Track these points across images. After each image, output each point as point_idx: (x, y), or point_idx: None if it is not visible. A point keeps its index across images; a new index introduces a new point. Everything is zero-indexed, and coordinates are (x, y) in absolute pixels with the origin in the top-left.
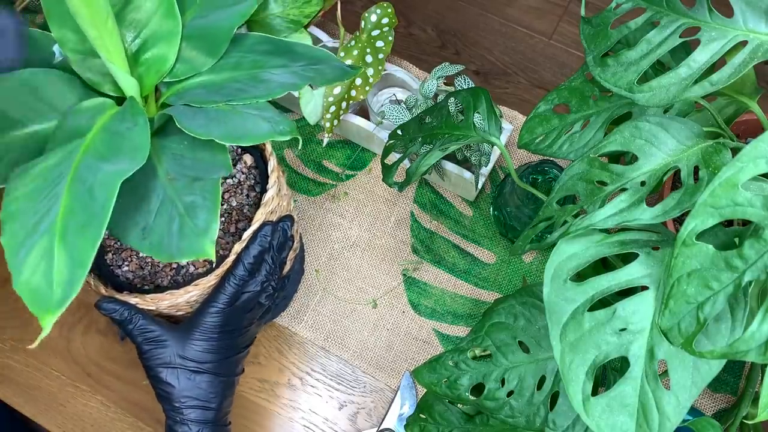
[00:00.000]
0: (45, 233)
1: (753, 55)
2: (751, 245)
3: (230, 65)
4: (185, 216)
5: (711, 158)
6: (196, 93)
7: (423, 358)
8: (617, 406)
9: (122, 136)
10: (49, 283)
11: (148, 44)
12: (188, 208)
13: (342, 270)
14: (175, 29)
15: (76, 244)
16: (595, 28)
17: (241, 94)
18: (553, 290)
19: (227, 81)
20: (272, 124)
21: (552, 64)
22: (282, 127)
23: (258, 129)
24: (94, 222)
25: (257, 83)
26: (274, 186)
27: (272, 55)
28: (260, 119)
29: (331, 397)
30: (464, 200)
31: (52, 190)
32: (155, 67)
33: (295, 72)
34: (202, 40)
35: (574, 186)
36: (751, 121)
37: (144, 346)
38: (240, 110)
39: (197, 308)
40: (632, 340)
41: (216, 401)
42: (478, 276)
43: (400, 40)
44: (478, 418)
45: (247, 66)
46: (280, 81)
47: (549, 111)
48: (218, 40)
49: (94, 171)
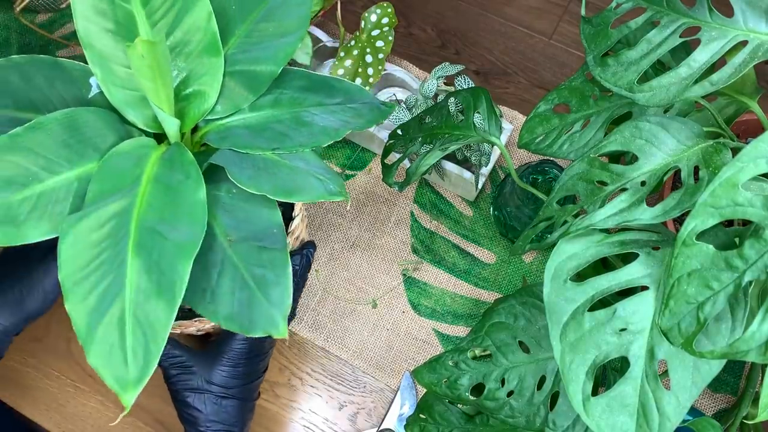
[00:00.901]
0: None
1: (753, 55)
2: (751, 245)
3: (269, 102)
4: (256, 290)
5: (711, 158)
6: (240, 135)
7: (423, 358)
8: (617, 406)
9: (176, 191)
10: (123, 359)
11: (190, 80)
12: (259, 282)
13: (342, 270)
14: (217, 64)
15: (150, 321)
16: (596, 28)
17: (285, 140)
18: (554, 290)
19: (269, 121)
20: (323, 182)
21: (552, 63)
22: (332, 187)
23: (309, 187)
24: (168, 300)
25: (299, 126)
26: (300, 214)
27: (309, 91)
28: (310, 175)
29: (331, 397)
30: (464, 200)
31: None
32: (197, 104)
33: (333, 111)
34: (243, 77)
35: (574, 186)
36: (752, 121)
37: (171, 371)
38: (287, 161)
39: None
40: (632, 340)
41: (239, 425)
42: (478, 276)
43: (400, 40)
44: (478, 418)
45: (286, 103)
46: (321, 125)
47: (549, 111)
48: (261, 77)
49: (158, 243)
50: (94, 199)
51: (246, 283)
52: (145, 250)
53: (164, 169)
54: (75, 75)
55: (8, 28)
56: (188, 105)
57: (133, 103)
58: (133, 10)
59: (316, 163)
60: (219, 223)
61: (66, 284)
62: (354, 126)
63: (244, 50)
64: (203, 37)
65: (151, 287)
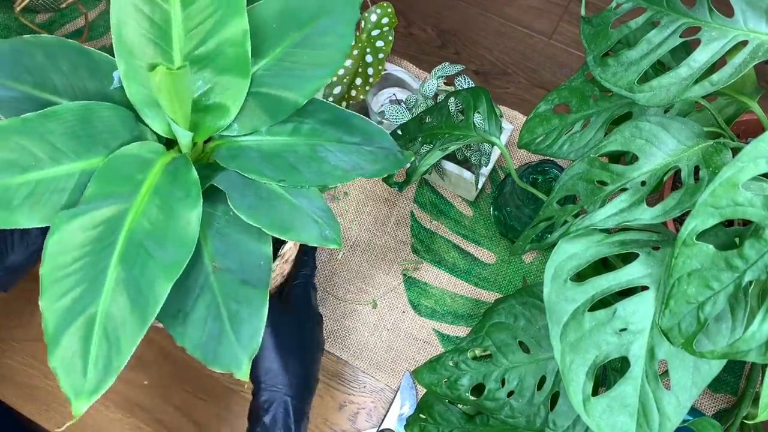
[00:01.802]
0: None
1: (753, 55)
2: (751, 245)
3: (288, 130)
4: (227, 325)
5: (711, 158)
6: (250, 158)
7: (423, 358)
8: (618, 407)
9: (172, 209)
10: (84, 367)
11: (213, 92)
12: (233, 318)
13: (342, 270)
14: (243, 84)
15: (117, 335)
16: (596, 28)
17: (294, 173)
18: (554, 290)
19: (283, 149)
20: (320, 226)
21: (552, 64)
22: (328, 233)
23: (306, 228)
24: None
25: (312, 160)
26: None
27: (329, 124)
28: (309, 216)
29: (331, 397)
30: (464, 200)
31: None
32: (214, 118)
33: (349, 151)
34: (267, 100)
35: (574, 186)
36: (752, 120)
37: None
38: (290, 195)
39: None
40: (632, 340)
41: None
42: (478, 276)
43: (400, 40)
44: (479, 418)
45: (304, 133)
46: (333, 163)
47: (549, 111)
48: (285, 105)
49: (142, 258)
50: (92, 198)
51: (220, 315)
52: (129, 264)
53: (166, 181)
54: (100, 65)
55: (8, 28)
56: (206, 117)
57: (150, 103)
58: (171, 12)
59: (318, 203)
60: (208, 245)
61: (45, 280)
62: (365, 173)
63: (274, 73)
64: (235, 54)
65: (126, 302)
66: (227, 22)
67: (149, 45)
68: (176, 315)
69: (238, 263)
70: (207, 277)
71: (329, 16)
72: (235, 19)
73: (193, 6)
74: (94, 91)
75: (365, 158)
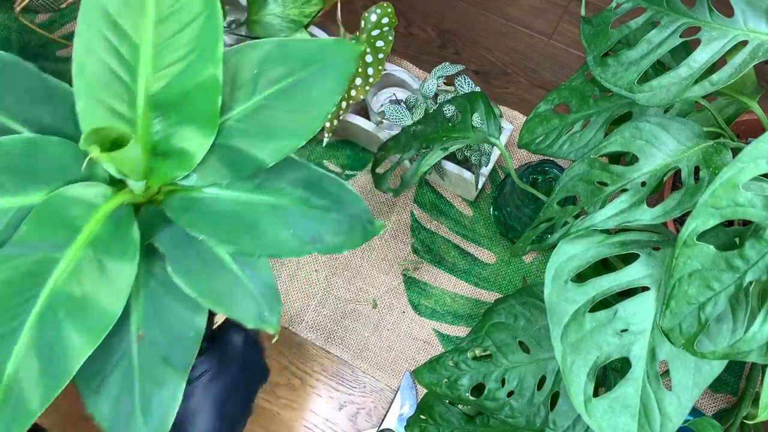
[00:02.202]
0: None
1: (753, 55)
2: (752, 245)
3: (251, 187)
4: (138, 406)
5: (711, 158)
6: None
7: (423, 358)
8: (619, 407)
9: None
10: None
11: (175, 138)
12: (145, 401)
13: (342, 270)
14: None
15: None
16: (596, 28)
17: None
18: (554, 291)
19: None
20: (260, 306)
21: (552, 64)
22: (266, 314)
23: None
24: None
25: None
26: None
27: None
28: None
29: (331, 397)
30: (464, 200)
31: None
32: (173, 165)
33: (312, 217)
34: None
35: (574, 187)
36: (752, 121)
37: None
38: (236, 264)
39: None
40: (633, 341)
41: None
42: (478, 276)
43: (400, 40)
44: (479, 418)
45: (268, 191)
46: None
47: (549, 111)
48: (249, 163)
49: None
50: (22, 240)
51: (133, 393)
52: (46, 325)
53: (105, 233)
54: (58, 94)
55: (8, 28)
56: (164, 163)
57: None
58: (141, 48)
59: (265, 278)
60: (139, 308)
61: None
62: (324, 247)
63: (246, 126)
64: (203, 104)
65: (35, 368)
66: (200, 68)
67: (113, 81)
68: (93, 378)
69: (166, 334)
70: (129, 345)
71: (319, 67)
72: (209, 67)
73: (166, 44)
74: (49, 120)
75: (328, 228)
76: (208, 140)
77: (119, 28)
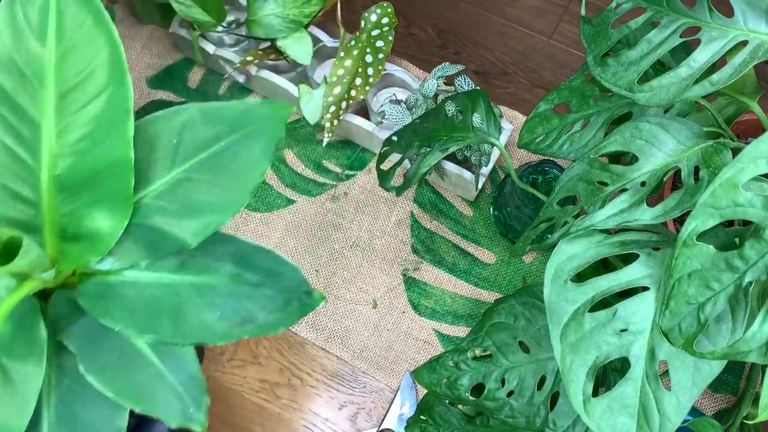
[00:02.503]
0: None
1: (753, 55)
2: (751, 246)
3: (173, 266)
4: None
5: (711, 158)
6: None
7: (423, 358)
8: (618, 407)
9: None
10: None
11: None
12: None
13: (342, 270)
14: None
15: None
16: (596, 28)
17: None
18: (554, 291)
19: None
20: (184, 402)
21: (552, 63)
22: (191, 411)
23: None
24: None
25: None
26: None
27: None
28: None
29: (331, 397)
30: (464, 200)
31: None
32: (84, 249)
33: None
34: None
35: (574, 186)
36: (752, 121)
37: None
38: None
39: None
40: (633, 341)
41: None
42: (478, 276)
43: (400, 40)
44: (479, 419)
45: (193, 270)
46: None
47: (549, 111)
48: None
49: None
50: None
51: None
52: None
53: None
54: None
55: None
56: (74, 247)
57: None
58: (43, 128)
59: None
60: (50, 413)
61: None
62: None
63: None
64: (115, 184)
65: None
66: (108, 146)
67: (13, 162)
68: None
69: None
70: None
71: (245, 133)
72: (118, 144)
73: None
74: None
75: (262, 305)
76: (122, 221)
77: (18, 107)
